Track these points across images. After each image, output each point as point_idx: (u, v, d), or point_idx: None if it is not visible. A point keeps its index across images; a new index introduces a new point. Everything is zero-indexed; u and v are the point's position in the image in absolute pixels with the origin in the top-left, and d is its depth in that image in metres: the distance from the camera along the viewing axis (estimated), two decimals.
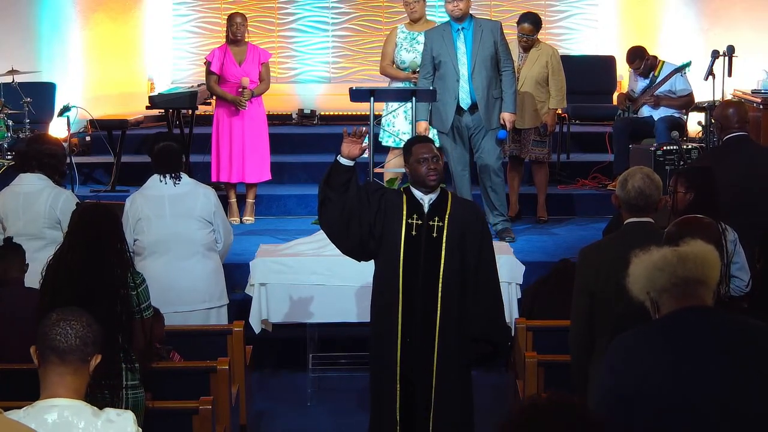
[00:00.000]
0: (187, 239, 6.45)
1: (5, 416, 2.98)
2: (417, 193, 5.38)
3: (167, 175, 6.43)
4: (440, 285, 5.30)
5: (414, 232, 5.31)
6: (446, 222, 5.33)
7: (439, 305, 5.29)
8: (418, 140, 5.57)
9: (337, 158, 5.27)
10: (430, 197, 5.37)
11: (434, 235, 5.31)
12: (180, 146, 6.62)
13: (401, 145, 8.72)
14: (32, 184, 6.46)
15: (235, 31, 9.16)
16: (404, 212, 5.32)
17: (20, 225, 6.39)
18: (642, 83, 10.09)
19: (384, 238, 5.32)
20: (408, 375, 5.30)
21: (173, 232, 6.42)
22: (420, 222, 5.32)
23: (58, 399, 3.18)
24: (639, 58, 9.98)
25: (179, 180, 6.44)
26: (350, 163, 5.26)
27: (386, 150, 8.92)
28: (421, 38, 8.63)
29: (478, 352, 5.40)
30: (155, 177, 6.48)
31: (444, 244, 5.30)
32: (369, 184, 5.56)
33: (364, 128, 5.31)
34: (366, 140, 5.41)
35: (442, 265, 5.30)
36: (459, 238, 5.32)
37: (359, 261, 5.59)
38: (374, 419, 5.46)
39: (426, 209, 5.35)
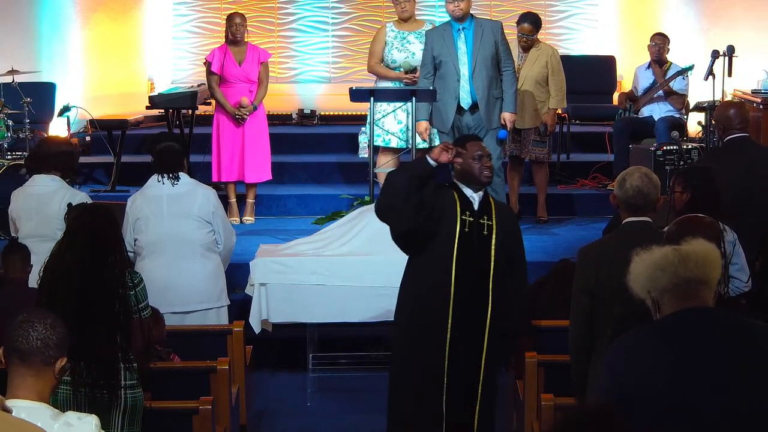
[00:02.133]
0: (185, 239, 6.45)
1: (11, 415, 2.96)
2: (467, 191, 5.43)
3: (165, 176, 6.43)
4: (491, 282, 5.37)
5: (467, 229, 5.36)
6: (494, 220, 5.41)
7: (490, 301, 5.36)
8: (469, 138, 5.64)
9: (426, 156, 5.31)
10: (480, 195, 5.44)
11: (485, 233, 5.38)
12: (181, 147, 6.61)
13: (390, 144, 8.75)
14: (46, 185, 6.50)
15: (234, 32, 9.16)
16: (458, 208, 5.37)
17: (32, 226, 6.41)
18: (647, 81, 10.10)
19: (438, 234, 5.36)
20: (454, 369, 5.35)
21: (171, 232, 6.42)
22: (472, 219, 5.38)
23: (17, 400, 3.16)
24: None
25: (177, 181, 6.44)
26: (435, 164, 5.29)
27: (375, 150, 8.89)
28: (412, 38, 8.64)
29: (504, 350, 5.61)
30: (154, 177, 6.49)
31: (494, 242, 5.38)
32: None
33: (459, 152, 5.33)
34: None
35: (492, 263, 5.37)
36: (504, 237, 5.42)
37: (407, 252, 5.49)
38: (404, 417, 5.44)
39: (476, 207, 5.41)
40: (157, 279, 6.15)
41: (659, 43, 10.07)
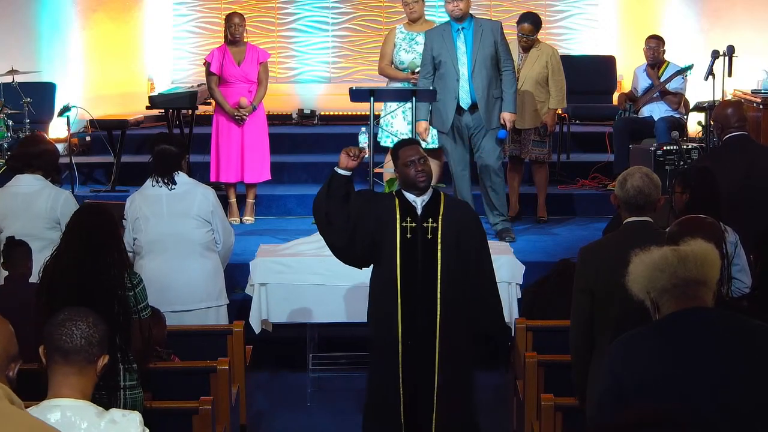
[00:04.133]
0: (185, 238, 6.45)
1: (26, 411, 2.96)
2: (409, 196, 5.40)
3: (161, 179, 6.43)
4: (438, 286, 5.32)
5: (409, 235, 5.33)
6: (440, 223, 5.34)
7: (438, 307, 5.31)
8: (403, 143, 5.58)
9: (335, 170, 5.36)
10: (423, 199, 5.39)
11: (429, 236, 5.33)
12: (179, 150, 6.53)
13: None
14: (30, 184, 6.46)
15: (233, 32, 9.15)
16: (398, 216, 5.35)
17: (19, 225, 6.38)
18: (646, 82, 10.10)
19: (382, 243, 5.35)
20: (410, 378, 5.31)
21: (170, 232, 6.42)
22: (414, 224, 5.34)
23: (62, 399, 3.18)
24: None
25: (174, 185, 6.42)
26: (348, 173, 5.36)
27: (385, 150, 8.92)
28: (420, 39, 8.64)
29: (479, 351, 5.47)
30: (150, 180, 6.48)
31: (440, 245, 5.32)
32: (361, 192, 5.62)
33: (363, 151, 5.43)
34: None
35: (439, 267, 5.31)
36: (454, 238, 5.33)
37: (360, 269, 5.67)
38: (373, 422, 5.45)
39: (419, 211, 5.37)
40: (157, 278, 6.15)
41: (654, 46, 10.05)
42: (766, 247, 4.74)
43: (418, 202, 5.39)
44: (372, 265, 5.51)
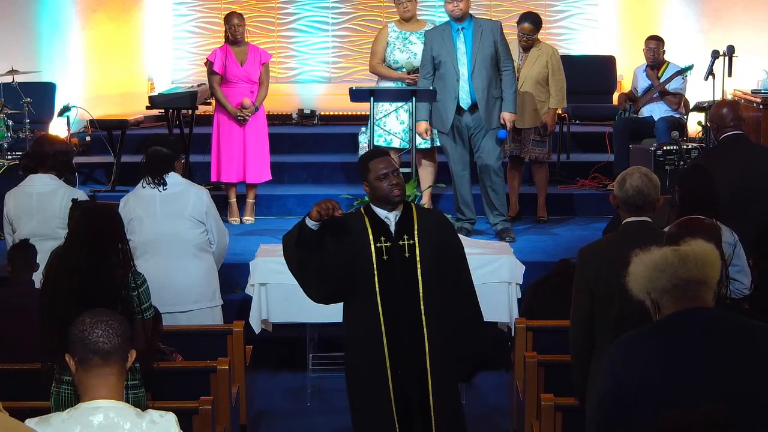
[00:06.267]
0: (179, 239, 6.44)
1: (8, 416, 2.97)
2: (380, 212, 4.96)
3: (152, 180, 6.43)
4: (422, 307, 4.91)
5: (385, 256, 4.90)
6: (416, 238, 4.93)
7: (425, 329, 4.91)
8: (373, 155, 5.10)
9: (305, 220, 4.80)
10: (396, 214, 4.95)
11: (407, 254, 4.91)
12: (170, 151, 6.52)
13: (392, 144, 8.76)
14: (45, 184, 6.50)
15: (233, 32, 9.14)
16: (370, 236, 4.91)
17: (33, 225, 6.40)
18: (645, 82, 10.10)
19: (356, 270, 4.90)
20: (404, 407, 4.94)
21: (164, 232, 6.41)
22: (389, 244, 4.91)
23: (101, 401, 3.16)
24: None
25: (165, 186, 6.42)
26: (316, 225, 4.78)
27: None
28: (413, 38, 8.65)
29: (463, 370, 5.10)
30: (142, 181, 6.49)
31: (419, 264, 4.91)
32: (328, 226, 4.88)
33: (337, 210, 4.75)
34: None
35: (420, 286, 4.90)
36: (432, 253, 4.93)
37: (335, 303, 5.12)
38: None
39: (393, 228, 4.94)
40: (151, 279, 6.09)
41: (653, 47, 10.05)
42: (763, 248, 4.75)
43: (391, 218, 4.95)
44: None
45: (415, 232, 4.94)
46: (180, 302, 6.43)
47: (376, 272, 4.89)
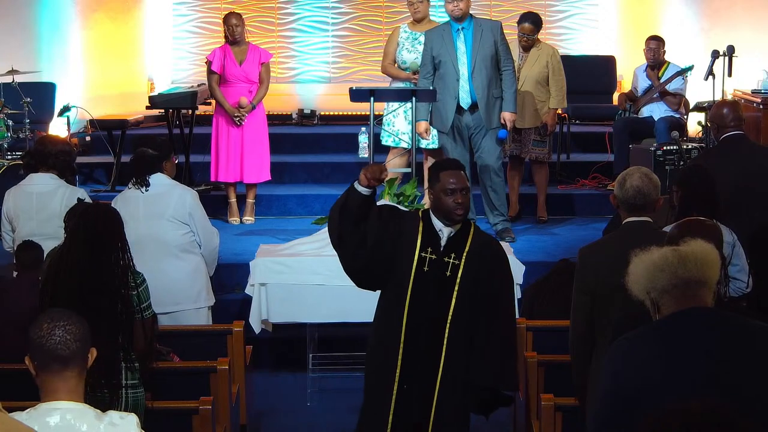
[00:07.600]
0: (160, 240, 6.43)
1: (8, 416, 2.96)
2: (437, 223, 4.83)
3: (135, 181, 6.45)
4: (447, 330, 4.75)
5: (426, 268, 4.76)
6: (463, 261, 4.77)
7: (443, 352, 4.75)
8: (448, 165, 4.92)
9: (354, 184, 4.77)
10: (451, 230, 4.82)
11: (448, 273, 4.76)
12: (156, 152, 6.52)
13: (401, 145, 8.78)
14: (45, 183, 6.50)
15: (231, 32, 9.14)
16: (418, 243, 4.79)
17: (33, 225, 6.41)
18: (646, 82, 10.11)
19: (395, 268, 4.79)
20: (401, 424, 4.82)
21: (146, 234, 6.38)
22: (434, 257, 4.78)
23: (60, 402, 3.15)
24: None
25: (147, 187, 6.42)
26: (368, 191, 4.72)
27: (386, 150, 8.94)
28: (423, 38, 8.64)
29: (483, 402, 4.90)
30: (130, 182, 6.51)
31: (457, 287, 4.76)
32: (384, 207, 4.95)
33: (385, 173, 4.75)
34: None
35: (451, 309, 4.74)
36: (474, 281, 4.76)
37: (374, 291, 5.05)
38: None
39: (443, 242, 4.81)
40: None
41: (654, 47, 10.05)
42: (761, 248, 4.75)
43: (445, 232, 4.81)
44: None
45: (464, 254, 4.79)
46: (160, 303, 6.37)
47: (411, 280, 4.77)
